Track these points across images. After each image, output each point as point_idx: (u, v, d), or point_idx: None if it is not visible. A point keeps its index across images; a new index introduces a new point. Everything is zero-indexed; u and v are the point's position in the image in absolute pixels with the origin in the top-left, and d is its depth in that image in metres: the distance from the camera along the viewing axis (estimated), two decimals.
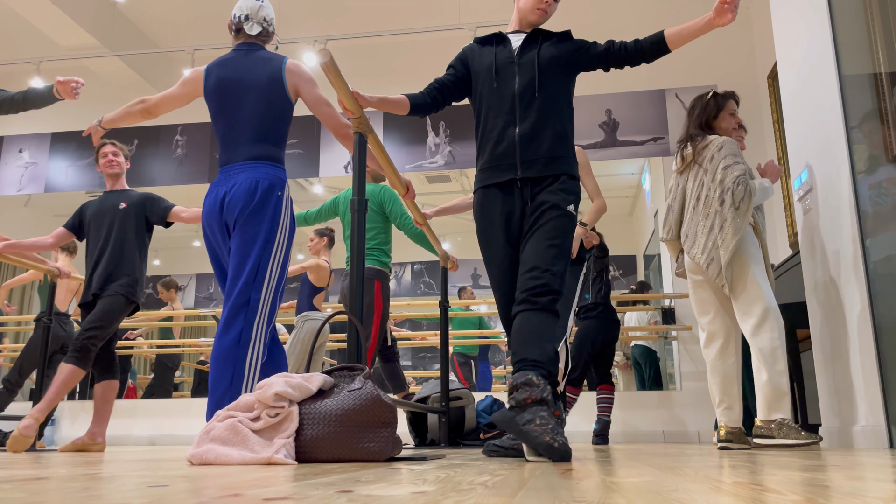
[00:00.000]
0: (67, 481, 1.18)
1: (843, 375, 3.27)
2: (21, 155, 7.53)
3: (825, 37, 3.40)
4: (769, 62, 6.07)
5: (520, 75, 2.43)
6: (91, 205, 4.06)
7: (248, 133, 2.69)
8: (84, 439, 3.85)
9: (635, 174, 8.92)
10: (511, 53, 2.49)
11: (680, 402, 5.93)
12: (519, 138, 2.38)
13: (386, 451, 1.88)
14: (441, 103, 2.56)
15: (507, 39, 2.54)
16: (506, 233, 2.39)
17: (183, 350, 6.99)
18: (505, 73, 2.45)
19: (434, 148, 6.92)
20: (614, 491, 0.95)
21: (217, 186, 2.70)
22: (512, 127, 2.40)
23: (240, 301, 2.55)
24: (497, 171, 2.41)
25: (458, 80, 2.57)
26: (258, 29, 2.83)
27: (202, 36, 7.37)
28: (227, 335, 2.52)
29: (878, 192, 3.03)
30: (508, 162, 2.39)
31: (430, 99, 2.52)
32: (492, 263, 2.42)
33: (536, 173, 2.37)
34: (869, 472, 1.32)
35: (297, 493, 0.91)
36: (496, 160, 2.41)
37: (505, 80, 2.45)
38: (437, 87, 2.55)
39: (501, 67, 2.47)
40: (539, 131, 2.39)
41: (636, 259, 9.63)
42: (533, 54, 2.46)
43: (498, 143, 2.41)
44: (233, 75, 2.74)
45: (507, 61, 2.47)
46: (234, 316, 2.54)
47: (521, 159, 2.38)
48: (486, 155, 2.45)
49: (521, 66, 2.45)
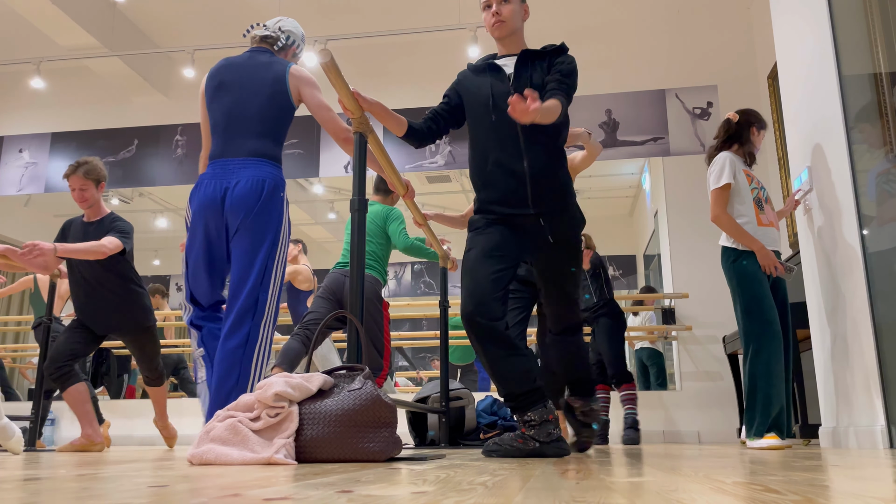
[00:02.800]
0: (67, 481, 1.18)
1: (843, 375, 3.27)
2: (21, 155, 7.53)
3: (825, 37, 3.40)
4: (769, 62, 6.07)
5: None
6: (73, 227, 3.92)
7: (250, 128, 2.68)
8: (81, 440, 3.85)
9: (635, 174, 8.92)
10: (506, 85, 2.49)
11: (680, 402, 5.93)
12: (529, 174, 2.42)
13: (386, 451, 1.88)
14: (437, 133, 2.59)
15: (499, 68, 2.53)
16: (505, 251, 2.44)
17: (183, 350, 6.98)
18: (503, 106, 2.46)
19: (434, 148, 6.91)
20: (614, 491, 0.95)
21: (214, 179, 2.64)
22: (518, 161, 2.43)
23: (248, 302, 2.56)
24: (507, 205, 2.45)
25: (452, 110, 2.60)
26: (266, 33, 2.85)
27: (202, 36, 7.37)
28: (236, 336, 2.53)
29: (878, 192, 3.03)
30: (519, 196, 2.43)
31: (426, 128, 2.56)
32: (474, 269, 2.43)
33: (548, 208, 2.44)
34: (869, 472, 1.32)
35: (297, 493, 0.91)
36: (508, 195, 2.45)
37: (504, 114, 2.45)
38: (432, 116, 2.58)
39: (499, 100, 2.47)
40: (547, 165, 2.44)
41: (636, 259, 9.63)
42: (527, 80, 2.48)
43: (507, 177, 2.44)
44: (236, 73, 2.75)
45: (504, 92, 2.47)
46: (243, 317, 2.54)
47: (533, 194, 2.42)
48: (493, 188, 2.47)
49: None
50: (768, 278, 3.29)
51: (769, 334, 3.11)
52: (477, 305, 2.34)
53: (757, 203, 3.34)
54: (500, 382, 2.37)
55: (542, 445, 2.32)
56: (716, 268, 6.18)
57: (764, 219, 3.34)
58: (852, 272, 3.17)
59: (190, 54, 6.53)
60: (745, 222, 3.27)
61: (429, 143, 2.58)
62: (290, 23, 2.92)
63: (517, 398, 2.36)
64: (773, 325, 3.12)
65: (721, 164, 3.33)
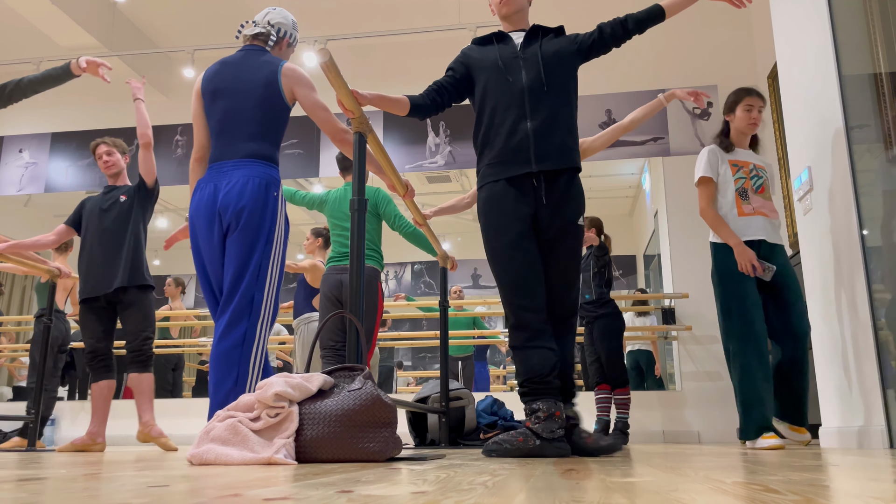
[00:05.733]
0: (67, 481, 1.18)
1: (843, 375, 3.27)
2: (21, 155, 7.53)
3: (825, 37, 3.40)
4: (769, 62, 6.07)
5: (526, 70, 2.46)
6: (91, 199, 4.14)
7: (244, 131, 2.69)
8: (83, 439, 3.85)
9: (635, 174, 8.92)
10: (514, 49, 2.52)
11: (680, 402, 5.93)
12: (533, 132, 2.42)
13: (386, 451, 1.88)
14: (441, 105, 2.58)
15: (508, 37, 2.56)
16: (521, 225, 2.42)
17: (184, 350, 6.98)
18: (512, 68, 2.48)
19: (434, 148, 6.91)
20: (614, 491, 0.95)
21: (209, 182, 2.66)
22: (524, 121, 2.43)
23: (243, 302, 2.55)
24: (510, 165, 2.44)
25: (457, 82, 2.58)
26: (257, 30, 2.84)
27: (202, 36, 7.37)
28: (231, 336, 2.52)
29: (879, 192, 3.03)
30: (523, 156, 2.42)
31: (429, 101, 2.54)
32: (510, 258, 2.42)
33: (551, 166, 2.42)
34: (869, 472, 1.32)
35: (297, 493, 0.91)
36: (510, 154, 2.44)
37: (513, 74, 2.47)
38: (436, 89, 2.56)
39: (507, 62, 2.50)
40: (551, 124, 2.44)
41: (636, 259, 9.63)
42: (535, 49, 2.49)
43: (510, 137, 2.44)
44: (229, 75, 2.75)
45: (512, 56, 2.51)
46: (238, 316, 2.54)
47: (536, 153, 2.42)
48: (496, 149, 2.46)
49: (525, 61, 2.48)
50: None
51: (747, 335, 3.05)
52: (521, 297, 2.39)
53: (741, 193, 3.28)
54: (522, 363, 2.38)
55: (542, 444, 2.31)
56: None
57: (747, 208, 3.26)
58: (852, 272, 3.17)
59: (190, 54, 6.53)
60: (725, 213, 3.26)
61: (433, 114, 2.59)
62: (279, 13, 2.90)
63: (533, 383, 2.36)
64: (752, 325, 3.06)
65: (700, 158, 3.35)
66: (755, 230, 3.24)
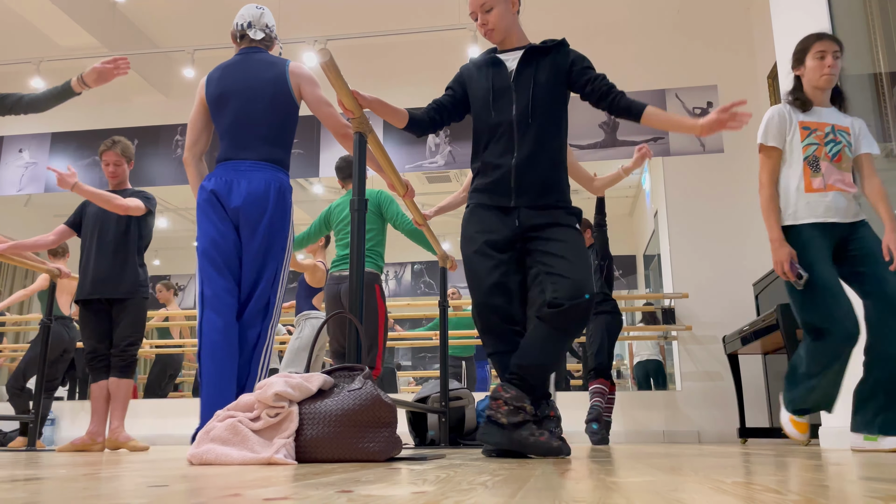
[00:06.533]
0: (67, 481, 1.18)
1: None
2: (21, 155, 7.53)
3: None
4: (769, 62, 6.07)
5: (517, 102, 2.45)
6: (92, 203, 4.10)
7: (258, 133, 2.71)
8: (83, 439, 3.86)
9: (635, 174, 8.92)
10: (507, 79, 2.50)
11: (680, 402, 5.93)
12: (515, 167, 2.42)
13: (386, 451, 1.88)
14: (439, 124, 2.59)
15: (501, 63, 2.53)
16: (495, 237, 2.43)
17: (184, 350, 6.98)
18: (502, 101, 2.47)
19: (434, 148, 6.92)
20: (614, 491, 0.95)
21: (222, 176, 2.66)
22: (509, 154, 2.44)
23: (259, 305, 2.62)
24: (493, 195, 2.46)
25: (456, 102, 2.60)
26: (262, 35, 2.87)
27: (202, 36, 7.37)
28: (245, 337, 2.60)
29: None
30: (503, 189, 2.44)
31: (428, 118, 2.55)
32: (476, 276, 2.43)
33: (529, 202, 2.42)
34: (868, 472, 1.32)
35: (297, 493, 0.91)
36: (492, 185, 2.46)
37: (502, 109, 2.47)
38: (436, 107, 2.57)
39: (498, 94, 2.48)
40: (534, 160, 2.43)
41: (636, 259, 9.63)
42: (529, 77, 2.46)
43: (495, 169, 2.46)
44: (239, 78, 2.76)
45: (504, 87, 2.48)
46: (254, 318, 2.61)
47: (516, 187, 2.42)
48: (483, 179, 2.49)
49: (518, 92, 2.46)
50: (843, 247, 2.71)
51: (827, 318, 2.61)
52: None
53: (811, 163, 2.74)
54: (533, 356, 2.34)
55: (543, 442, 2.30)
56: (716, 267, 6.18)
57: (817, 182, 2.71)
58: None
59: (190, 54, 6.53)
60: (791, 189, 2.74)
61: (430, 132, 2.59)
62: (269, 14, 2.92)
63: (535, 378, 2.33)
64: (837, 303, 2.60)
65: (764, 121, 2.83)
66: (825, 210, 2.69)
